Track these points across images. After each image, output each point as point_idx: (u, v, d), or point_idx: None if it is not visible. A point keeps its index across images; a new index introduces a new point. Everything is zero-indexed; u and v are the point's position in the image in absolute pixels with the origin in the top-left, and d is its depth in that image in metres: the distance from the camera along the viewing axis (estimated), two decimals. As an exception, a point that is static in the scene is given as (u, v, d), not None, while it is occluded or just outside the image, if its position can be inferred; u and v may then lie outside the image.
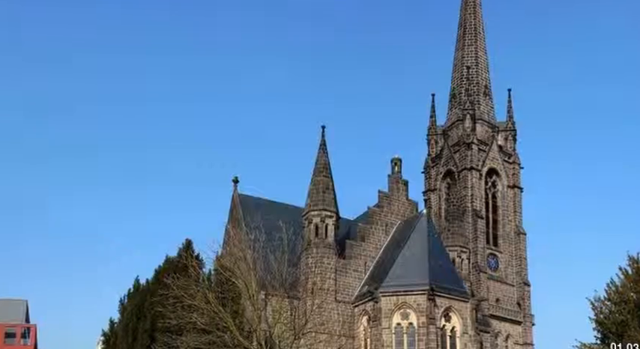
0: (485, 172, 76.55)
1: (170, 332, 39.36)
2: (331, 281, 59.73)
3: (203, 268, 45.15)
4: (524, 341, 73.26)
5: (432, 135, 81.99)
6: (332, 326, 57.47)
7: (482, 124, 78.95)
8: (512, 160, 79.23)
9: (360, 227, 64.93)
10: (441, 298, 56.41)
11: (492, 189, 77.83)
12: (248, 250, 41.14)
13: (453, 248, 65.19)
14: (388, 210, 66.48)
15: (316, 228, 60.91)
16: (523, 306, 74.23)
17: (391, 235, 65.29)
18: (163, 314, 39.16)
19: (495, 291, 72.91)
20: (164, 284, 40.48)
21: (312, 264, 58.83)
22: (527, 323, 73.96)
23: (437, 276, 57.35)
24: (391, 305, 56.47)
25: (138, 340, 45.37)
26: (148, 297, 46.10)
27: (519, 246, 76.43)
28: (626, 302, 58.75)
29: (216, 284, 42.17)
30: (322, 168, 62.90)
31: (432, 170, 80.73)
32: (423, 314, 55.33)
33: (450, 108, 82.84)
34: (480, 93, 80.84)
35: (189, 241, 48.45)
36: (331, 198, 61.84)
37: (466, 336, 56.87)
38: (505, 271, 75.07)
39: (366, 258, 63.42)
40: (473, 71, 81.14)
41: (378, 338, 55.35)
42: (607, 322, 59.57)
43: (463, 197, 73.90)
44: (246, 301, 40.84)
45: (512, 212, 77.59)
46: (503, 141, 79.84)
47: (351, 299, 60.80)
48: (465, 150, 75.87)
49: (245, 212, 64.31)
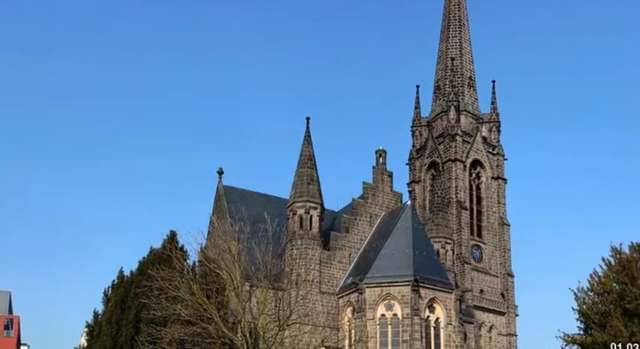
0: (469, 164, 76.73)
1: (154, 323, 39.29)
2: (316, 273, 59.85)
3: (187, 259, 45.11)
4: (507, 331, 73.59)
5: (416, 127, 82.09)
6: (316, 318, 57.63)
7: (467, 116, 79.11)
8: (497, 152, 79.46)
9: (344, 218, 65.03)
10: (425, 289, 56.57)
11: (476, 181, 78.05)
12: (232, 242, 41.08)
13: (437, 239, 65.38)
14: (372, 201, 66.61)
15: (301, 220, 60.99)
16: (507, 297, 74.52)
17: (375, 226, 65.45)
18: (147, 306, 39.07)
19: (479, 282, 73.16)
20: (148, 276, 40.39)
21: (296, 256, 58.90)
22: (511, 314, 74.28)
23: (421, 267, 57.50)
24: (375, 296, 56.61)
25: (122, 331, 45.29)
26: (132, 289, 46.04)
27: (503, 237, 76.70)
28: (608, 293, 59.12)
29: (201, 275, 42.12)
30: (307, 159, 62.93)
31: (416, 161, 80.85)
32: (408, 306, 55.49)
33: (435, 100, 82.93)
34: (464, 84, 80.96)
35: (173, 233, 48.36)
36: (316, 189, 61.90)
37: (450, 327, 57.09)
38: (489, 262, 75.34)
39: (351, 250, 63.55)
40: (457, 62, 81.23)
41: (363, 329, 55.49)
42: (590, 312, 59.92)
43: (447, 188, 74.07)
44: (231, 292, 40.80)
45: (497, 203, 77.83)
46: (487, 132, 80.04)
47: (335, 290, 60.94)
48: (450, 141, 76.02)
49: (230, 203, 64.33)
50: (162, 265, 40.39)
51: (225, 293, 42.47)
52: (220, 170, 69.05)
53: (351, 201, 67.02)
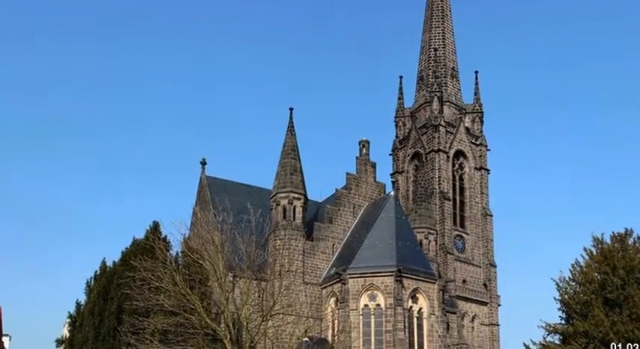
0: (452, 154, 76.94)
1: (137, 314, 39.21)
2: (299, 263, 59.87)
3: (170, 250, 45.03)
4: (490, 321, 73.98)
5: (399, 118, 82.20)
6: (300, 308, 57.67)
7: (450, 106, 79.27)
8: (479, 142, 79.68)
9: (327, 209, 65.06)
10: (408, 279, 56.69)
11: (459, 171, 78.27)
12: (216, 232, 41.02)
13: (421, 229, 65.54)
14: (356, 191, 66.68)
15: (284, 210, 60.98)
16: (489, 287, 74.87)
17: (359, 217, 65.53)
18: (130, 296, 38.99)
19: (462, 272, 73.45)
20: (131, 267, 40.29)
21: (279, 246, 58.87)
22: (494, 304, 74.64)
23: (404, 258, 57.61)
24: (359, 286, 56.68)
25: (104, 322, 45.19)
26: (114, 279, 45.91)
27: (486, 228, 77.02)
28: (590, 283, 59.48)
29: (184, 266, 42.04)
30: (290, 150, 62.89)
31: (399, 152, 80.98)
32: (391, 296, 55.59)
33: (418, 91, 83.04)
34: (447, 75, 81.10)
35: (156, 223, 48.26)
36: (299, 180, 61.89)
37: (433, 317, 57.26)
38: (472, 252, 75.63)
39: (334, 240, 63.62)
40: (440, 53, 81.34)
41: (346, 320, 55.57)
42: (571, 302, 60.30)
43: (430, 179, 74.25)
44: (214, 283, 40.76)
45: (479, 194, 78.11)
46: (470, 123, 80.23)
47: (318, 280, 61.00)
48: (433, 132, 76.17)
49: (213, 194, 64.29)
50: (145, 256, 40.28)
51: (208, 283, 42.44)
52: (203, 160, 68.96)
53: (335, 192, 67.05)
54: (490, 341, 73.38)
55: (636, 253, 58.84)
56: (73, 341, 47.29)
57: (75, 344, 46.85)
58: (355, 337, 54.99)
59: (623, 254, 59.03)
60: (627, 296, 56.42)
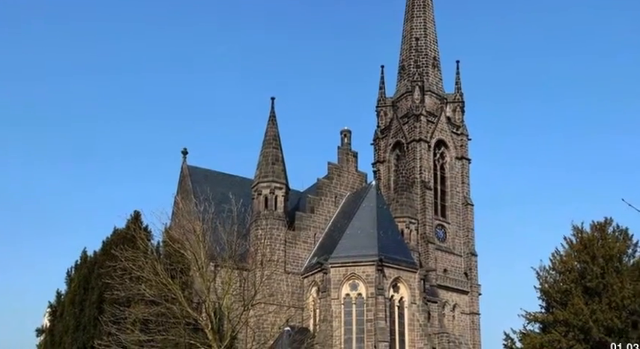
0: (433, 144, 77.13)
1: (118, 303, 39.10)
2: (280, 253, 59.89)
3: (152, 240, 44.91)
4: (470, 310, 74.31)
5: (381, 107, 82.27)
6: (281, 297, 57.65)
7: (431, 96, 79.42)
8: (461, 132, 79.89)
9: (309, 198, 65.08)
10: (389, 269, 56.80)
11: (441, 161, 78.48)
12: (197, 222, 40.89)
13: (402, 219, 65.72)
14: (337, 181, 66.74)
15: (265, 200, 60.97)
16: (470, 276, 75.18)
17: (340, 206, 65.62)
18: (111, 286, 38.85)
19: (443, 262, 73.72)
20: (112, 256, 40.14)
21: (261, 236, 58.84)
22: (474, 293, 74.97)
23: (385, 247, 57.70)
24: (340, 276, 56.75)
25: (85, 312, 45.10)
26: (95, 269, 45.81)
27: (467, 217, 77.29)
28: (570, 271, 59.87)
29: (165, 255, 41.93)
30: (271, 139, 62.86)
31: (381, 141, 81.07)
32: (372, 285, 55.70)
33: (399, 80, 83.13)
34: (428, 64, 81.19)
35: (137, 213, 48.16)
36: (280, 169, 61.87)
37: (414, 306, 57.42)
38: (453, 242, 75.90)
39: (316, 230, 63.68)
40: (421, 43, 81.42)
41: (327, 309, 55.64)
42: (551, 291, 60.68)
43: (412, 168, 74.38)
44: (195, 273, 40.67)
45: (460, 183, 78.36)
46: (451, 112, 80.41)
47: (300, 270, 61.06)
48: (414, 121, 76.27)
49: (194, 183, 64.19)
50: (126, 245, 40.09)
51: (189, 273, 42.38)
52: (184, 150, 68.77)
53: (316, 181, 67.06)
54: (471, 330, 73.74)
55: (615, 242, 59.26)
56: (54, 331, 47.15)
57: (55, 333, 46.71)
58: (337, 326, 55.10)
59: (602, 243, 59.43)
60: (606, 284, 56.84)
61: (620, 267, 58.03)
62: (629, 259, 59.77)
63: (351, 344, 55.23)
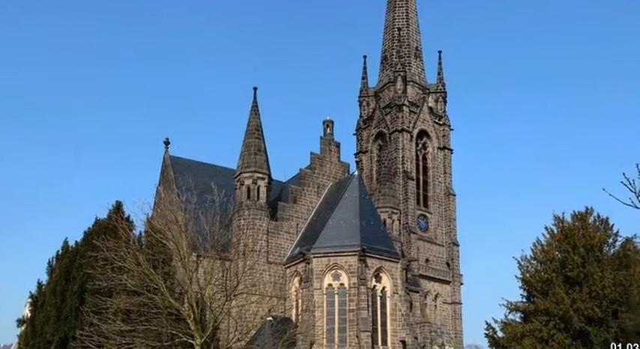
0: (415, 134, 77.30)
1: (100, 293, 38.93)
2: (263, 243, 59.88)
3: (133, 230, 44.70)
4: (452, 299, 74.67)
5: (363, 97, 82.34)
6: (264, 288, 57.69)
7: (413, 86, 79.53)
8: (443, 122, 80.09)
9: (292, 188, 65.06)
10: (371, 259, 56.88)
11: (423, 151, 78.65)
12: (179, 212, 40.74)
13: (384, 209, 65.82)
14: (320, 171, 66.73)
15: (248, 190, 60.91)
16: (452, 266, 75.50)
17: (323, 197, 65.64)
18: (93, 276, 38.63)
19: (425, 252, 73.98)
20: (93, 246, 39.96)
21: (244, 226, 58.84)
22: (456, 283, 75.30)
23: (368, 237, 57.77)
24: (322, 266, 56.79)
25: (67, 302, 44.87)
26: (77, 259, 45.58)
27: (449, 207, 77.55)
28: (551, 261, 60.18)
29: (147, 246, 41.76)
30: (254, 129, 62.73)
31: (363, 132, 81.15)
32: (354, 275, 55.79)
33: (382, 70, 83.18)
34: (410, 55, 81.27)
35: (119, 203, 47.92)
36: (263, 159, 61.79)
37: (396, 296, 57.57)
38: (435, 232, 76.16)
39: (298, 220, 63.69)
40: (404, 33, 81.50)
41: (310, 299, 55.68)
42: (533, 280, 61.00)
43: (394, 158, 74.51)
44: (178, 263, 40.54)
45: (442, 173, 78.61)
46: (433, 103, 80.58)
47: (282, 260, 61.07)
48: (396, 111, 76.38)
49: (176, 174, 64.07)
50: (108, 235, 39.93)
51: (171, 263, 42.23)
52: (167, 140, 68.57)
53: (299, 172, 67.04)
54: (452, 320, 74.12)
55: (596, 232, 59.59)
56: (35, 321, 46.93)
57: (36, 323, 46.50)
58: (319, 316, 55.17)
59: (583, 232, 59.75)
60: (587, 274, 57.18)
61: (601, 257, 58.38)
62: (610, 249, 60.15)
63: (333, 334, 55.33)
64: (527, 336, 58.87)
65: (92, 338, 36.28)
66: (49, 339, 44.41)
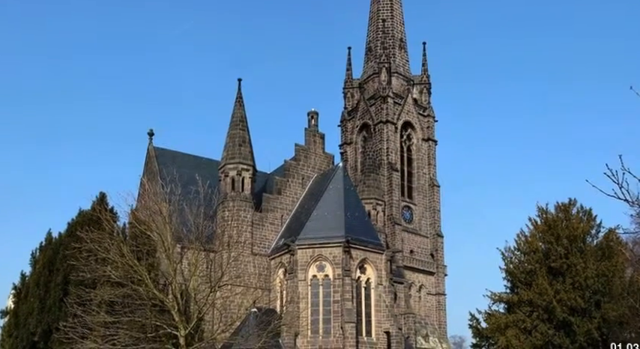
0: (400, 125, 77.35)
1: (83, 285, 38.80)
2: (247, 234, 59.85)
3: (117, 221, 44.58)
4: (436, 291, 74.90)
5: (348, 89, 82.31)
6: (248, 279, 57.61)
7: (398, 77, 79.55)
8: (427, 113, 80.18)
9: (276, 180, 65.00)
10: (356, 250, 56.91)
11: (407, 142, 78.75)
12: (164, 203, 40.64)
13: (369, 200, 65.90)
14: (305, 163, 66.68)
15: (232, 182, 60.82)
16: (436, 257, 75.69)
17: (307, 188, 65.61)
18: (76, 268, 38.46)
19: (410, 243, 74.13)
20: (77, 238, 39.79)
21: (228, 217, 58.73)
22: (440, 274, 75.51)
23: (352, 229, 57.80)
24: (307, 257, 56.78)
25: (50, 293, 44.71)
26: (60, 250, 45.40)
27: (433, 198, 77.71)
28: (534, 252, 60.61)
29: (131, 237, 41.63)
30: (238, 121, 62.61)
31: (348, 123, 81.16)
32: (339, 266, 55.80)
33: (366, 62, 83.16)
34: (395, 46, 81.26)
35: (103, 194, 47.73)
36: (248, 151, 61.70)
37: (381, 287, 57.64)
38: (419, 223, 76.32)
39: (283, 211, 63.65)
40: (388, 24, 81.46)
41: (294, 290, 55.68)
42: (516, 271, 61.44)
43: (379, 150, 74.56)
44: (162, 254, 40.47)
45: (427, 164, 78.74)
46: (418, 94, 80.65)
47: (267, 251, 61.04)
48: (381, 103, 76.41)
49: (161, 165, 63.85)
50: (92, 227, 39.78)
51: (156, 255, 42.14)
52: (151, 131, 68.30)
53: (283, 163, 66.97)
54: (437, 311, 74.37)
55: (579, 223, 60.05)
56: (18, 313, 46.72)
57: (20, 315, 46.30)
58: (303, 307, 55.19)
59: (566, 223, 60.20)
60: (570, 265, 57.61)
61: (584, 248, 58.83)
62: (593, 239, 60.63)
63: (317, 326, 55.39)
64: (510, 327, 59.31)
65: (76, 330, 36.13)
66: (33, 331, 44.25)
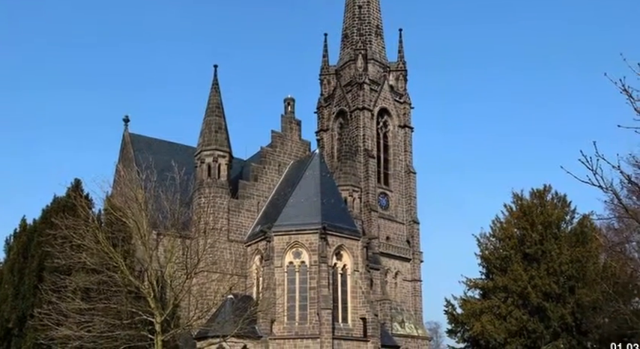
0: (376, 112, 77.37)
1: (58, 271, 38.60)
2: (224, 221, 59.82)
3: (93, 208, 44.34)
4: (412, 277, 75.13)
5: (324, 75, 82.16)
6: (224, 266, 57.62)
7: (374, 64, 79.52)
8: (403, 100, 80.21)
9: (253, 167, 64.91)
10: (332, 237, 57.02)
11: (384, 129, 78.80)
12: (139, 190, 40.43)
13: (345, 187, 66.01)
14: (281, 149, 66.63)
15: (209, 168, 60.68)
16: (412, 244, 75.91)
17: (284, 175, 65.59)
18: (51, 254, 38.32)
19: (386, 229, 74.28)
20: (52, 224, 39.58)
21: (204, 204, 58.59)
22: (416, 260, 75.74)
23: (329, 215, 57.90)
24: (283, 244, 56.82)
25: (24, 280, 44.45)
26: (35, 237, 45.14)
27: (409, 185, 77.85)
28: (509, 238, 61.07)
29: (107, 224, 41.45)
30: (215, 107, 62.42)
31: (324, 110, 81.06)
32: (315, 253, 55.90)
33: (343, 48, 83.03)
34: (371, 33, 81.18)
35: (78, 181, 47.50)
36: (224, 137, 61.57)
37: (357, 274, 57.79)
38: (395, 209, 76.48)
39: (259, 198, 63.62)
40: (364, 11, 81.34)
41: (271, 277, 55.74)
42: (492, 257, 61.90)
43: (355, 137, 74.58)
44: (138, 241, 40.31)
45: (403, 151, 78.83)
46: (394, 81, 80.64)
47: (243, 238, 61.03)
48: (357, 90, 76.36)
49: (136, 151, 63.57)
50: (67, 213, 39.55)
51: (131, 241, 41.99)
52: (126, 118, 67.95)
53: (260, 150, 66.89)
54: (412, 297, 74.63)
55: (554, 209, 60.55)
56: (-8, 299, 46.46)
57: (-6, 302, 46.04)
58: (280, 294, 55.27)
59: (541, 210, 60.69)
60: (545, 251, 58.12)
61: (559, 234, 59.35)
62: (567, 225, 61.17)
63: (294, 312, 55.50)
64: (485, 312, 59.84)
65: (51, 316, 35.96)
66: (7, 317, 43.98)
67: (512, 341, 57.96)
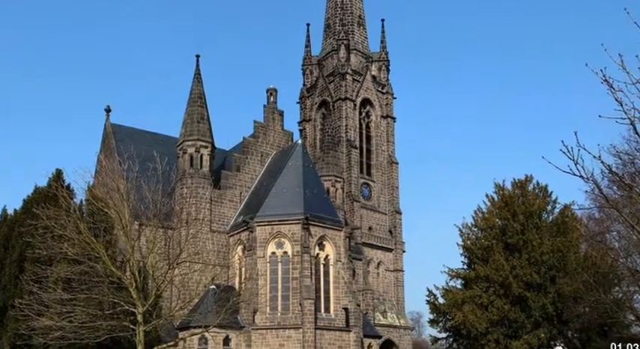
0: (359, 102, 77.42)
1: (40, 262, 38.41)
2: (206, 212, 59.77)
3: (74, 198, 44.20)
4: (395, 267, 75.36)
5: (307, 66, 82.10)
6: (207, 256, 57.60)
7: (357, 55, 79.52)
8: (386, 91, 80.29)
9: (235, 157, 64.84)
10: (315, 227, 57.08)
11: (366, 119, 78.87)
12: (121, 180, 40.31)
13: (328, 177, 66.03)
14: (264, 140, 66.59)
15: (191, 159, 60.58)
16: (394, 234, 76.10)
17: (266, 165, 65.56)
18: (32, 245, 38.14)
19: (368, 220, 74.43)
20: (33, 215, 39.39)
21: (186, 194, 58.57)
22: (399, 250, 75.96)
23: (311, 206, 57.92)
24: (266, 234, 56.85)
25: (5, 270, 44.29)
26: (16, 227, 44.92)
27: (392, 175, 78.02)
28: (491, 228, 61.30)
29: (88, 214, 41.31)
30: (197, 97, 62.27)
31: (307, 100, 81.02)
32: (298, 243, 55.95)
33: (325, 39, 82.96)
34: (353, 23, 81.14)
35: (59, 171, 47.27)
36: (206, 128, 61.45)
37: (339, 264, 57.90)
38: (378, 200, 76.62)
39: (242, 188, 63.59)
40: (347, 1, 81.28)
41: (253, 267, 55.76)
42: (474, 247, 62.10)
43: (338, 127, 74.58)
44: (120, 231, 40.19)
45: (386, 142, 78.96)
46: (376, 71, 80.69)
47: (226, 229, 60.99)
48: (340, 80, 76.36)
49: (118, 142, 63.37)
50: (48, 204, 39.35)
51: (113, 232, 41.88)
52: (108, 108, 67.63)
53: (242, 140, 66.80)
54: (395, 287, 74.89)
55: (536, 199, 60.84)
56: (-27, 290, 46.23)
57: (-26, 292, 45.82)
58: (262, 284, 55.32)
59: (523, 200, 60.96)
60: (526, 240, 58.37)
61: (540, 224, 59.63)
62: (548, 215, 61.47)
63: (276, 302, 55.57)
64: (467, 302, 60.05)
65: (32, 307, 35.81)
66: (-12, 308, 43.85)
67: (493, 330, 58.26)
